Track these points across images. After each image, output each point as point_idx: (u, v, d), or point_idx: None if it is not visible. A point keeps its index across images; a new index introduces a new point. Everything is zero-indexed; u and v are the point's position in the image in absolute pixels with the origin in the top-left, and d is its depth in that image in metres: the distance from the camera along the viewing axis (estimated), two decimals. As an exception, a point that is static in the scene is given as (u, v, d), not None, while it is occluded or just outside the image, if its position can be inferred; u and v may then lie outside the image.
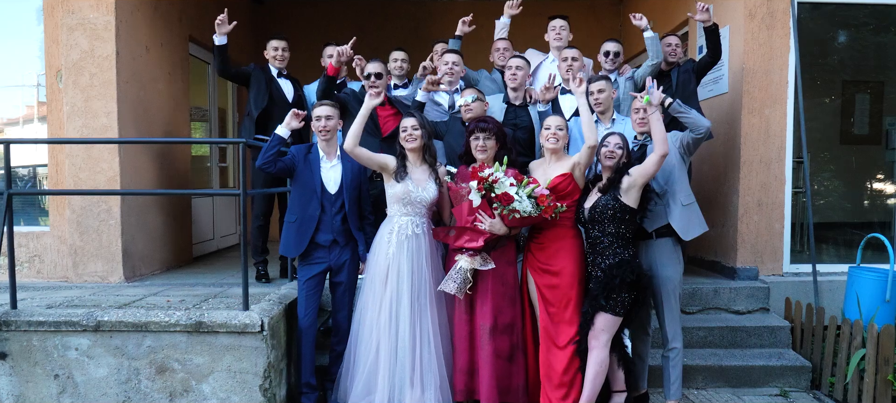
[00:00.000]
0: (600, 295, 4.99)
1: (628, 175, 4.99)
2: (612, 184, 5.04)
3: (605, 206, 4.99)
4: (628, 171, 5.01)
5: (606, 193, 5.04)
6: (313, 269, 5.45)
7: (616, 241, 5.02)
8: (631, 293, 4.99)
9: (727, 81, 7.35)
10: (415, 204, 5.26)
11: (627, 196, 4.98)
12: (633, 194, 5.00)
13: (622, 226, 5.02)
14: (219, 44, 6.60)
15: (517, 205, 4.88)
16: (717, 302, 6.90)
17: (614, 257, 5.01)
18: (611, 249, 5.02)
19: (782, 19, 7.11)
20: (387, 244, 5.26)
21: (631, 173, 5.00)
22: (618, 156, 5.09)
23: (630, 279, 4.95)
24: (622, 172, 5.03)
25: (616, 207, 4.97)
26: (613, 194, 5.00)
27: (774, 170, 7.15)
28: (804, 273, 7.29)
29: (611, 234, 5.02)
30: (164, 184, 7.68)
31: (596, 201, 5.07)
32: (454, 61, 6.54)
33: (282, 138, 5.29)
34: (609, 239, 5.03)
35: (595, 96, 5.88)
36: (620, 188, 4.99)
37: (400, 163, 5.30)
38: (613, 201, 4.98)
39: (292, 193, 5.51)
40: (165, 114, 7.82)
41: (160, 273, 7.55)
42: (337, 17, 10.44)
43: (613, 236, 5.02)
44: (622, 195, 4.98)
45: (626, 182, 4.98)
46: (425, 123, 5.39)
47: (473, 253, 5.06)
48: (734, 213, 7.23)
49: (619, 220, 4.99)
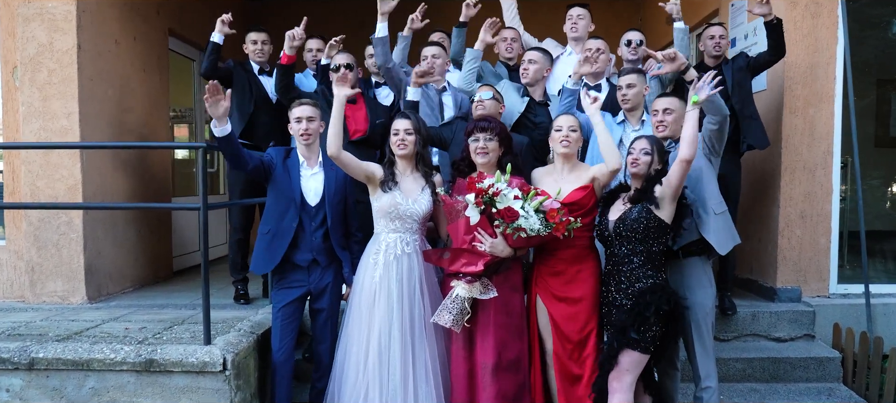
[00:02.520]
0: (630, 327, 4.18)
1: (660, 184, 4.22)
2: (643, 194, 4.25)
3: (638, 220, 4.21)
4: (660, 181, 4.24)
5: (637, 204, 4.26)
6: (290, 294, 4.69)
7: (648, 262, 4.24)
8: (663, 325, 4.20)
9: (765, 77, 6.50)
10: (404, 218, 4.48)
11: (661, 209, 4.21)
12: (667, 207, 4.23)
13: (655, 245, 4.25)
14: (215, 41, 5.89)
15: (523, 223, 4.10)
16: (756, 328, 6.06)
17: (645, 280, 4.22)
18: (642, 271, 4.23)
19: (829, 6, 6.26)
20: (373, 266, 4.49)
21: (662, 181, 4.22)
22: (645, 164, 4.31)
23: (665, 309, 4.15)
24: (655, 180, 4.25)
25: (649, 221, 4.19)
26: (645, 206, 4.22)
27: (820, 178, 6.31)
28: (853, 294, 6.44)
29: (642, 253, 4.24)
30: (138, 193, 6.95)
31: (625, 213, 4.28)
32: (434, 54, 5.77)
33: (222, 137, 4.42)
34: (640, 258, 4.24)
35: (623, 91, 5.13)
36: (654, 198, 4.21)
37: (387, 172, 4.53)
38: (646, 213, 4.21)
39: (268, 200, 4.77)
40: (139, 115, 7.09)
41: (132, 290, 6.82)
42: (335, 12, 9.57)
43: (645, 256, 4.24)
44: (656, 207, 4.20)
45: (659, 192, 4.20)
46: (421, 127, 4.61)
47: (472, 278, 4.27)
48: (774, 226, 6.40)
49: (652, 237, 4.22)
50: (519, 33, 6.43)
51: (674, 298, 4.23)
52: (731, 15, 7.32)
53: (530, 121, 5.50)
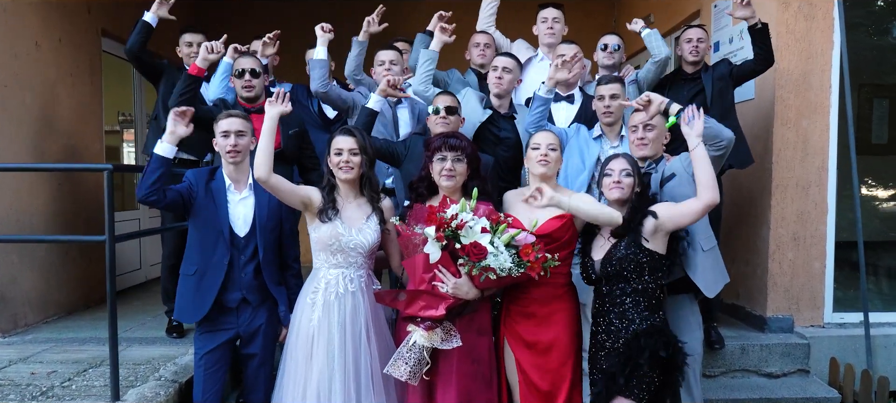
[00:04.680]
0: (620, 374, 3.62)
1: (653, 217, 3.63)
2: (630, 225, 3.66)
3: (627, 258, 3.63)
4: (652, 212, 3.65)
5: (624, 238, 3.67)
6: (215, 338, 4.03)
7: (642, 301, 3.68)
8: (660, 373, 3.62)
9: (754, 86, 5.93)
10: (347, 251, 3.84)
11: (653, 240, 3.64)
12: (660, 238, 3.66)
13: (649, 280, 3.68)
14: (147, 20, 5.14)
15: (492, 261, 3.49)
16: (745, 363, 5.48)
17: (640, 321, 3.65)
18: (635, 311, 3.67)
19: (824, 8, 5.71)
20: (310, 306, 3.84)
21: (658, 215, 3.64)
22: (628, 187, 3.73)
23: (663, 355, 3.57)
24: (640, 210, 3.67)
25: (640, 256, 3.62)
26: (634, 239, 3.63)
27: (814, 196, 5.76)
28: (851, 323, 5.90)
29: (635, 292, 3.67)
30: (66, 210, 6.22)
31: (611, 251, 3.70)
32: (391, 59, 5.16)
33: (166, 159, 3.86)
34: (632, 298, 3.68)
35: (606, 103, 4.54)
36: (642, 231, 3.63)
37: (327, 198, 3.87)
38: (636, 248, 3.62)
39: (191, 235, 4.09)
40: (67, 124, 6.35)
41: (57, 318, 6.08)
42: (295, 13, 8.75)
43: (638, 294, 3.68)
44: (646, 239, 3.62)
45: (651, 225, 3.61)
46: (367, 146, 3.93)
47: (432, 323, 3.64)
48: (763, 249, 5.83)
49: (645, 273, 3.65)
50: (493, 38, 5.78)
51: (672, 343, 3.65)
52: (714, 16, 6.77)
53: (492, 135, 4.89)
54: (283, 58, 6.25)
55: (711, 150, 3.76)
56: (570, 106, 5.22)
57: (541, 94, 4.59)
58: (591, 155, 4.55)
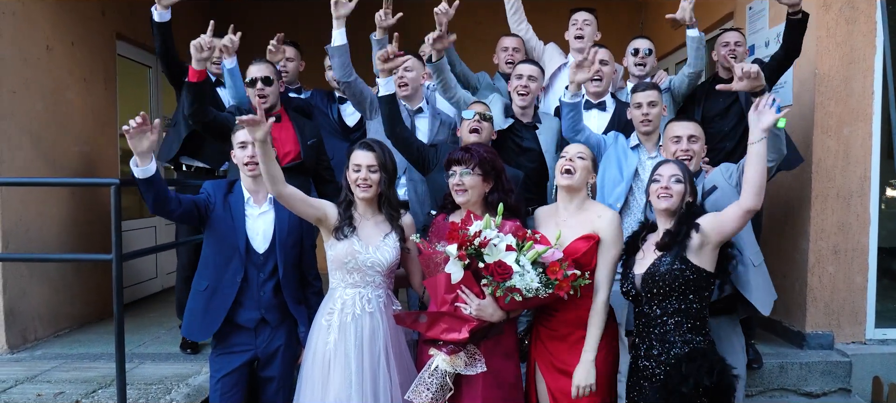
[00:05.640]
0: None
1: (697, 230, 3.36)
2: (675, 238, 3.40)
3: (671, 273, 3.35)
4: (697, 225, 3.37)
5: (668, 251, 3.41)
6: (232, 361, 3.81)
7: (685, 322, 3.39)
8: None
9: (791, 91, 5.67)
10: (364, 270, 3.60)
11: (700, 255, 3.36)
12: (707, 253, 3.38)
13: (694, 300, 3.40)
14: (158, 20, 4.81)
15: (518, 281, 3.25)
16: (784, 382, 5.22)
17: (682, 345, 3.37)
18: (677, 333, 3.39)
19: (866, 10, 5.42)
20: (326, 328, 3.60)
21: (702, 227, 3.36)
22: (678, 195, 3.46)
23: (708, 383, 3.27)
24: (688, 221, 3.40)
25: (686, 273, 3.34)
26: (679, 253, 3.36)
27: (855, 207, 5.48)
28: (893, 340, 5.62)
29: (677, 312, 3.39)
30: (77, 219, 6.06)
31: (654, 265, 3.42)
32: (405, 66, 4.86)
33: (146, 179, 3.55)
34: (675, 319, 3.39)
35: (644, 110, 4.28)
36: (688, 245, 3.36)
37: (343, 214, 3.64)
38: (681, 263, 3.35)
39: (205, 248, 3.88)
40: (80, 131, 6.20)
41: (68, 332, 5.93)
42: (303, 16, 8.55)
43: (681, 314, 3.39)
44: (692, 254, 3.35)
45: (697, 239, 3.35)
46: (387, 162, 3.67)
47: (455, 347, 3.41)
48: (802, 263, 5.56)
49: (690, 291, 3.37)
50: (523, 41, 5.52)
51: (720, 368, 3.33)
52: (748, 19, 6.49)
53: (515, 145, 4.67)
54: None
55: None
56: (601, 113, 4.98)
57: (566, 100, 4.35)
58: (630, 165, 4.30)
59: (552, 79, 5.52)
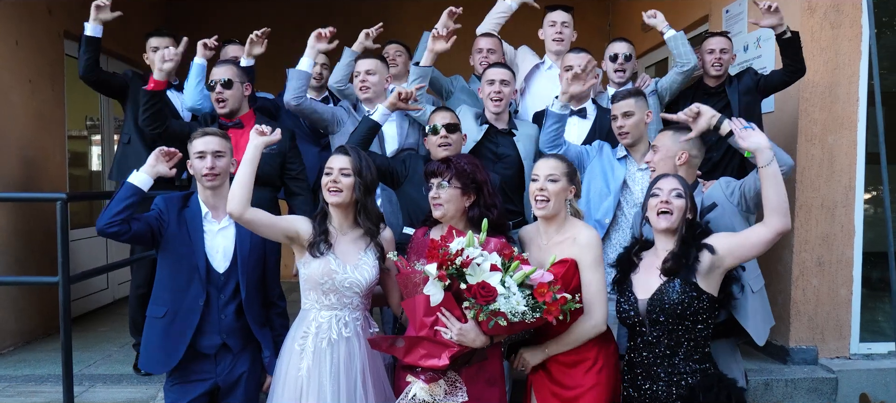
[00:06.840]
0: None
1: (709, 251, 3.13)
2: (682, 260, 3.15)
3: (679, 299, 3.12)
4: (708, 246, 3.15)
5: (675, 276, 3.17)
6: (190, 391, 3.51)
7: (693, 349, 3.18)
8: None
9: (774, 98, 5.50)
10: (341, 291, 3.32)
11: (708, 279, 3.13)
12: (715, 277, 3.17)
13: (700, 325, 3.17)
14: (89, 34, 4.61)
15: (503, 304, 2.98)
16: (769, 400, 5.02)
17: (690, 374, 3.15)
18: (686, 363, 3.17)
19: (852, 14, 5.27)
20: (299, 354, 3.31)
21: (716, 249, 3.14)
22: (679, 211, 3.23)
23: None
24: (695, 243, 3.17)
25: (696, 301, 3.12)
26: (686, 277, 3.12)
27: (840, 218, 5.32)
28: (879, 354, 5.47)
29: (683, 338, 3.17)
30: (19, 229, 5.66)
31: (661, 291, 3.19)
32: (368, 69, 4.65)
33: (140, 190, 3.39)
34: (684, 348, 3.18)
35: (618, 122, 4.03)
36: (697, 269, 3.12)
37: (318, 228, 3.35)
38: (688, 288, 3.12)
39: (160, 270, 3.57)
40: (23, 134, 5.81)
41: (12, 350, 5.55)
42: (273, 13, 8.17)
43: (688, 341, 3.17)
44: (700, 278, 3.11)
45: (707, 261, 3.11)
46: (363, 167, 3.38)
47: (434, 375, 3.14)
48: (786, 275, 5.39)
49: (700, 320, 3.15)
50: (499, 42, 5.29)
51: (734, 394, 3.16)
52: (725, 23, 6.31)
53: (491, 152, 4.43)
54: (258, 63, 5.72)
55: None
56: (582, 121, 4.74)
57: (554, 111, 4.12)
58: (617, 177, 4.06)
59: (527, 82, 5.29)
